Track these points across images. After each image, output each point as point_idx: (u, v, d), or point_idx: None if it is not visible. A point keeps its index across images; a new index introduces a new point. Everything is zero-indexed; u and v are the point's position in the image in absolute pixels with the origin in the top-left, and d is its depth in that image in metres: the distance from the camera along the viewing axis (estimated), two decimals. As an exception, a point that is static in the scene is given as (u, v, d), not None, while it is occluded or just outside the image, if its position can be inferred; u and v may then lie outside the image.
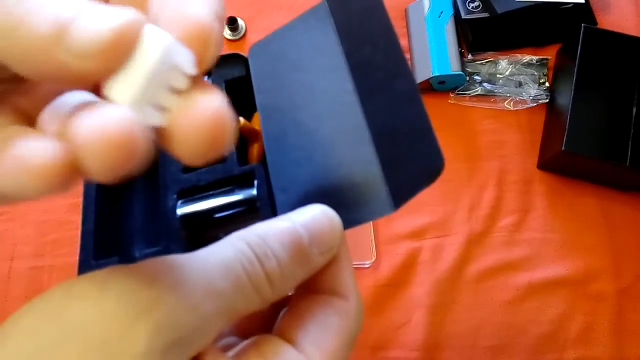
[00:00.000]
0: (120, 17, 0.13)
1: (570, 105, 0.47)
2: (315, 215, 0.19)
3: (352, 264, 0.21)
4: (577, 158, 0.47)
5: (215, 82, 0.28)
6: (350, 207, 0.20)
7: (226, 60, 0.28)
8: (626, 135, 0.47)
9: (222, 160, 0.25)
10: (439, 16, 0.54)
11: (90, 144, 0.12)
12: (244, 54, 0.27)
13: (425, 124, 0.19)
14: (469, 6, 0.54)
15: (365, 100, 0.22)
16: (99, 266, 0.23)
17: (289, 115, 0.24)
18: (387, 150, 0.20)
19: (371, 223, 0.49)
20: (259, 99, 0.26)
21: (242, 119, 0.27)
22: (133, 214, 0.27)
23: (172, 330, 0.15)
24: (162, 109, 0.14)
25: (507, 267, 0.48)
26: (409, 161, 0.19)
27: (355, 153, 0.21)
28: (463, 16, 0.54)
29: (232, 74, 0.28)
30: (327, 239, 0.19)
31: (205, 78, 0.28)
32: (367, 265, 0.47)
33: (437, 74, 0.51)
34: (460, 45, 0.54)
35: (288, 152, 0.23)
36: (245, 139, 0.27)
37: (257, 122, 0.26)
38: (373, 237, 0.48)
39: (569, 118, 0.46)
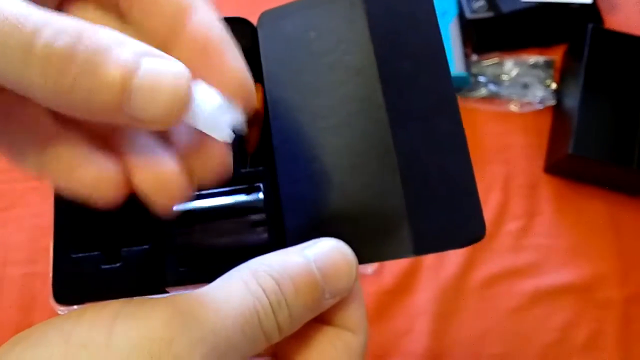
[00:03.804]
0: (181, 77, 0.14)
1: (577, 108, 0.46)
2: (332, 256, 0.18)
3: (362, 297, 0.20)
4: (585, 161, 0.46)
5: None
6: (366, 239, 0.19)
7: (231, 26, 0.24)
8: (635, 138, 0.46)
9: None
10: (443, 16, 0.53)
11: None
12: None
13: (470, 183, 0.17)
14: (474, 6, 0.53)
15: (396, 123, 0.19)
16: (79, 261, 0.21)
17: (305, 120, 0.21)
18: (415, 189, 0.18)
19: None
20: (268, 87, 0.23)
21: None
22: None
23: None
24: None
25: (512, 273, 0.47)
26: (441, 212, 0.17)
27: (377, 179, 0.19)
28: (467, 16, 0.53)
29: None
30: (342, 284, 0.18)
31: None
32: (369, 272, 0.46)
33: (441, 75, 0.50)
34: (464, 45, 0.53)
35: (300, 164, 0.21)
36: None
37: (258, 99, 0.24)
38: (376, 242, 0.47)
39: (577, 121, 0.45)
